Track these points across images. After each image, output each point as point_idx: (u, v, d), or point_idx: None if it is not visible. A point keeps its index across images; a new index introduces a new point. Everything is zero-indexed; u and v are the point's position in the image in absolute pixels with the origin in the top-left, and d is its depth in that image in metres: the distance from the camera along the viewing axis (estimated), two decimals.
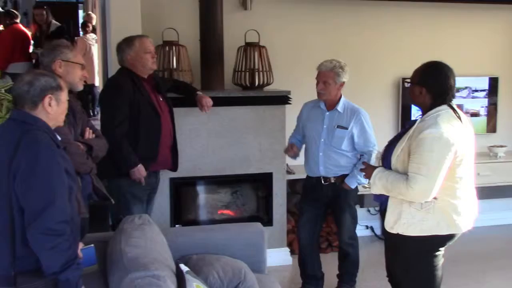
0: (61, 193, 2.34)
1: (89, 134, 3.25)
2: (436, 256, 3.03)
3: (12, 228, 2.32)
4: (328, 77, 3.91)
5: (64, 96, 2.51)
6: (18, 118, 2.43)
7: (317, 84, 3.96)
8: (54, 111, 2.46)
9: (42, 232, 2.26)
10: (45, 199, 2.28)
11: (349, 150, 4.00)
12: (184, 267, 2.77)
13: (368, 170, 3.15)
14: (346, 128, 3.95)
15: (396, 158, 2.96)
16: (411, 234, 2.95)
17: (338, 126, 3.97)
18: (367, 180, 3.91)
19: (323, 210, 4.23)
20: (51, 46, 3.11)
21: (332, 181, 4.05)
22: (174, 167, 4.14)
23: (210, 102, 4.22)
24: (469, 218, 3.00)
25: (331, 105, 4.02)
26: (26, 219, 2.29)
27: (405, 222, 2.94)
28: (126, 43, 3.88)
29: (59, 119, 2.54)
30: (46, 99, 2.42)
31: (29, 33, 7.76)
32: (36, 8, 7.71)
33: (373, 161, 3.90)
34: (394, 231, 2.99)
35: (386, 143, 3.21)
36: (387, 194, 3.00)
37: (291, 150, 4.17)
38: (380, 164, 3.15)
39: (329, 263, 4.41)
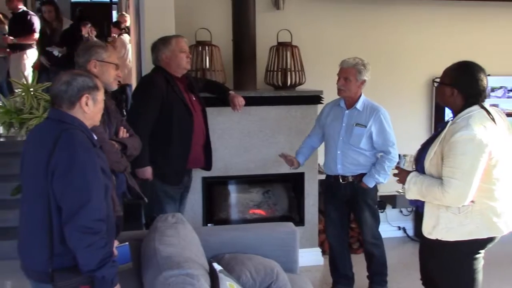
0: (97, 192, 2.37)
1: (123, 133, 3.29)
2: (476, 259, 2.93)
3: (50, 226, 2.36)
4: (349, 73, 3.91)
5: (100, 95, 2.54)
6: (56, 118, 2.46)
7: (338, 80, 3.96)
8: (90, 110, 2.49)
9: (79, 230, 2.30)
10: (82, 197, 2.31)
11: (368, 148, 3.97)
12: (217, 266, 2.78)
13: (402, 175, 3.04)
14: (365, 126, 3.93)
15: (429, 161, 2.88)
16: (450, 239, 2.86)
17: (357, 124, 3.95)
18: (386, 179, 3.90)
19: (346, 210, 4.21)
20: (86, 46, 3.15)
21: (350, 180, 4.03)
22: (208, 166, 4.16)
23: (242, 101, 4.23)
24: (510, 219, 2.90)
25: (351, 104, 4.01)
26: (63, 217, 2.33)
27: (444, 227, 2.85)
28: (163, 42, 3.92)
29: (96, 119, 2.58)
30: (83, 99, 2.45)
31: None
32: (45, 4, 7.18)
33: (405, 165, 3.84)
34: (432, 237, 2.90)
35: (419, 146, 3.12)
36: (422, 199, 2.92)
37: (288, 159, 4.20)
38: (414, 168, 3.05)
39: (360, 263, 4.37)
